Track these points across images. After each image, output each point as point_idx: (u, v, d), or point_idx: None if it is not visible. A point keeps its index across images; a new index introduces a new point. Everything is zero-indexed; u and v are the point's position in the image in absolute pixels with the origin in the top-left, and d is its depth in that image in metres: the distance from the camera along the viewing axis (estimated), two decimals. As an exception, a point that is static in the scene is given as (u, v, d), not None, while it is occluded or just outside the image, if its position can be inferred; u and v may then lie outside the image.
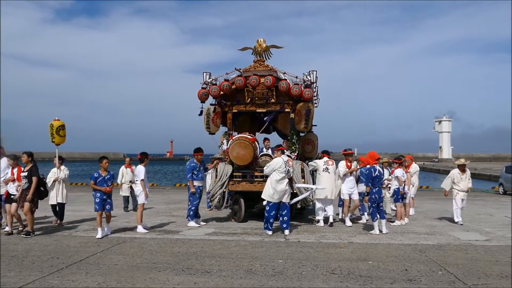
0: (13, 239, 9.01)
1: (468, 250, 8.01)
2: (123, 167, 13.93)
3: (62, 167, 10.99)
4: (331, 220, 10.83)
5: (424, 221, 11.55)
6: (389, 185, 11.02)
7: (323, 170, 11.02)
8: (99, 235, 9.00)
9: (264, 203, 9.84)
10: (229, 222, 11.27)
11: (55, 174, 10.83)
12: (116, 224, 10.74)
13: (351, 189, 11.02)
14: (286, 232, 9.48)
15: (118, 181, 13.60)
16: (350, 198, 11.26)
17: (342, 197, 11.14)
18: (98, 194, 9.12)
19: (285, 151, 10.37)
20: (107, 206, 9.21)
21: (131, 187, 13.52)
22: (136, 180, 10.01)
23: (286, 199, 9.64)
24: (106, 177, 9.21)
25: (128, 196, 13.73)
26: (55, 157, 11.05)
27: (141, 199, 9.84)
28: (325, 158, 11.23)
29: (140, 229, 9.77)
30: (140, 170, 9.87)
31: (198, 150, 10.81)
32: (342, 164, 11.12)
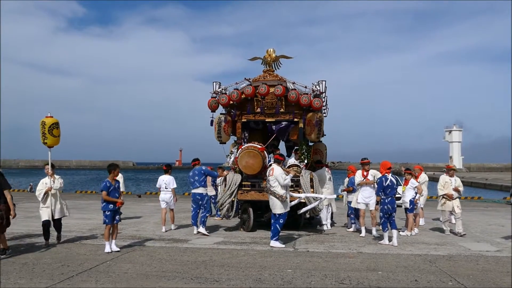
0: (24, 246, 9.09)
1: (479, 261, 7.94)
2: None
3: (56, 176, 9.49)
4: (328, 227, 11.59)
5: (434, 231, 11.46)
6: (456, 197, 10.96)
7: (329, 180, 11.38)
8: (107, 249, 8.47)
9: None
10: (238, 231, 11.28)
11: (47, 184, 9.29)
12: (126, 233, 10.81)
13: (367, 198, 10.82)
14: (271, 243, 9.22)
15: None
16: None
17: (357, 206, 11.07)
18: (111, 206, 8.49)
19: (280, 160, 9.84)
20: (117, 217, 8.64)
21: None
22: (166, 188, 11.51)
23: (274, 210, 9.36)
24: (116, 186, 8.70)
25: None
26: (47, 164, 9.45)
27: (172, 205, 11.57)
28: (325, 168, 11.62)
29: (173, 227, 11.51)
30: (170, 179, 11.47)
31: (198, 159, 11.31)
32: (359, 173, 11.16)
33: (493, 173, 66.32)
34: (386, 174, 9.79)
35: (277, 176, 9.33)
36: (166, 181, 11.46)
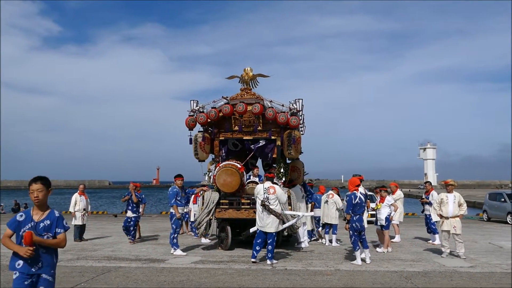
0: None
1: (453, 277, 8.07)
2: (76, 194, 13.38)
3: None
4: (306, 244, 11.73)
5: (410, 248, 11.61)
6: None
7: (302, 197, 11.53)
8: None
9: (252, 229, 9.91)
10: (215, 250, 11.19)
11: None
12: (101, 253, 10.59)
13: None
14: (268, 262, 9.25)
15: (71, 209, 13.18)
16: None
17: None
18: (18, 263, 4.18)
19: (273, 178, 10.08)
20: None
21: (84, 215, 13.14)
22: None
23: (269, 228, 9.38)
24: (40, 224, 4.22)
25: (82, 225, 13.08)
26: None
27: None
28: (298, 186, 11.83)
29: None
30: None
31: (179, 175, 11.06)
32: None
33: (466, 189, 67.71)
34: (354, 191, 9.53)
35: (280, 196, 9.52)
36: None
